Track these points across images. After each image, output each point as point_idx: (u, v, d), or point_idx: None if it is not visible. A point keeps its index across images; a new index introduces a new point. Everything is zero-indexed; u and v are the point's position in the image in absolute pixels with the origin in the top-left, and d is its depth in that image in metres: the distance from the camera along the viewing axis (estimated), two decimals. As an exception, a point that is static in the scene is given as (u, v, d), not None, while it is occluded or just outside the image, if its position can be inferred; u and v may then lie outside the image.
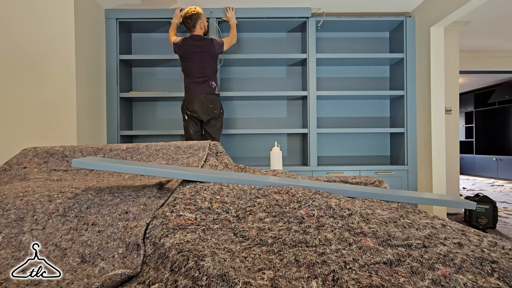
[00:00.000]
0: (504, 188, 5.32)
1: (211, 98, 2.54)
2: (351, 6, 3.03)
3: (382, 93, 3.05)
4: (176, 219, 0.74)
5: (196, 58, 2.52)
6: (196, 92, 2.52)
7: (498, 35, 3.83)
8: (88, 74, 2.63)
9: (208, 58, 2.54)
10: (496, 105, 6.79)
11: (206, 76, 2.54)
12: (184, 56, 2.54)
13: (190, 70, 2.54)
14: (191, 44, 2.51)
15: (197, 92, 2.52)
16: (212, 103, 2.55)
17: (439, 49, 2.82)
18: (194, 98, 2.52)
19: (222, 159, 1.50)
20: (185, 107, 2.57)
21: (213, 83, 2.57)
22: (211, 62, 2.56)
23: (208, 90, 2.54)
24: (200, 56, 2.52)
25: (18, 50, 2.36)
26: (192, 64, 2.53)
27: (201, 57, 2.52)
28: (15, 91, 2.36)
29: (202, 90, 2.53)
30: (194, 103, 2.52)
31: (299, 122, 3.34)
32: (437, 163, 2.82)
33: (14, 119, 2.36)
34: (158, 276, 0.58)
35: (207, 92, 2.53)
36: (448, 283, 0.50)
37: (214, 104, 2.56)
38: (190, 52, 2.52)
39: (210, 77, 2.56)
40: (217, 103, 2.58)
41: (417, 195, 1.05)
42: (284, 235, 0.69)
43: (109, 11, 2.93)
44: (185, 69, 2.57)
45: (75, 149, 1.41)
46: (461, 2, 2.41)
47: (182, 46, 2.53)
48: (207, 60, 2.54)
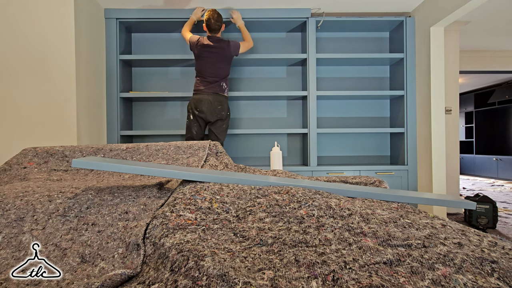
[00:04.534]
0: (504, 188, 5.32)
1: (219, 99, 2.56)
2: (351, 6, 3.03)
3: (382, 93, 3.05)
4: (176, 219, 0.74)
5: (211, 58, 2.55)
6: (206, 92, 2.54)
7: (498, 35, 3.83)
8: (88, 74, 2.63)
9: (222, 59, 2.57)
10: (496, 105, 6.79)
11: (218, 77, 2.57)
12: (200, 55, 2.56)
13: (203, 70, 2.56)
14: (208, 45, 2.54)
15: (207, 92, 2.54)
16: (220, 104, 2.56)
17: (439, 49, 2.82)
18: (203, 98, 2.53)
19: (222, 159, 1.50)
20: (193, 106, 2.56)
21: (224, 84, 2.60)
22: (224, 64, 2.59)
23: (218, 90, 2.56)
24: (215, 57, 2.54)
25: (18, 50, 2.36)
26: (206, 64, 2.55)
27: (216, 58, 2.55)
28: (15, 91, 2.36)
29: (212, 90, 2.54)
30: (203, 103, 2.53)
31: (299, 122, 3.34)
32: (437, 163, 2.82)
33: (14, 119, 2.36)
34: (158, 276, 0.58)
35: (216, 92, 2.55)
36: (448, 283, 0.50)
37: (222, 105, 2.58)
38: (206, 52, 2.54)
39: (222, 78, 2.59)
40: (225, 104, 2.61)
41: (417, 195, 1.05)
42: (284, 235, 0.69)
43: (109, 11, 2.93)
44: (199, 68, 2.59)
45: (75, 149, 1.41)
46: (461, 2, 2.41)
47: (200, 45, 2.55)
48: (221, 62, 2.56)
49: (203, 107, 2.53)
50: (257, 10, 2.97)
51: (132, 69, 3.27)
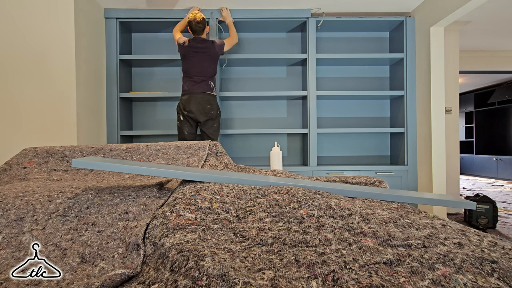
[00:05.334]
0: (504, 188, 5.32)
1: (208, 98, 2.56)
2: (351, 6, 3.03)
3: (382, 93, 3.05)
4: (176, 219, 0.74)
5: (197, 58, 2.56)
6: (193, 91, 2.54)
7: (498, 35, 3.83)
8: (88, 74, 2.63)
9: (208, 58, 2.58)
10: (496, 105, 6.79)
11: (205, 76, 2.58)
12: (186, 55, 2.58)
13: (190, 70, 2.58)
14: (193, 46, 2.56)
15: (195, 91, 2.54)
16: (209, 103, 2.56)
17: (439, 49, 2.82)
18: (191, 98, 2.54)
19: (222, 159, 1.50)
20: (182, 107, 2.57)
21: (211, 83, 2.61)
22: (210, 63, 2.60)
23: (205, 89, 2.57)
24: (200, 56, 2.56)
25: (18, 50, 2.36)
26: (192, 63, 2.57)
27: (201, 58, 2.57)
28: (15, 91, 2.36)
29: (200, 89, 2.55)
30: (191, 103, 2.53)
31: (299, 122, 3.34)
32: (437, 163, 2.82)
33: (14, 119, 2.36)
34: (158, 276, 0.58)
35: (204, 91, 2.56)
36: (448, 283, 0.50)
37: (211, 104, 2.58)
38: (192, 52, 2.56)
39: (209, 77, 2.60)
40: (214, 103, 2.60)
41: (417, 195, 1.05)
42: (284, 235, 0.69)
43: (108, 11, 2.93)
44: (185, 68, 2.60)
45: (75, 149, 1.41)
46: (461, 2, 2.41)
47: (186, 46, 2.57)
48: (207, 61, 2.58)
49: (192, 107, 2.53)
50: (257, 10, 2.97)
51: (132, 69, 3.27)
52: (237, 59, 3.06)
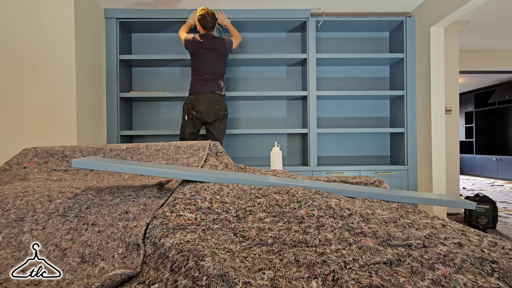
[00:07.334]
0: (504, 188, 5.32)
1: (217, 98, 2.53)
2: (351, 6, 3.03)
3: (382, 93, 3.05)
4: (176, 219, 0.74)
5: (207, 55, 2.52)
6: (203, 91, 2.50)
7: (498, 35, 3.83)
8: (88, 74, 2.63)
9: (218, 57, 2.55)
10: (496, 105, 6.79)
11: (215, 75, 2.54)
12: (195, 53, 2.54)
13: (200, 68, 2.53)
14: (204, 42, 2.52)
15: (204, 91, 2.50)
16: (218, 103, 2.53)
17: (439, 49, 2.82)
18: (200, 98, 2.49)
19: (222, 159, 1.50)
20: (190, 106, 2.52)
21: (221, 82, 2.57)
22: (220, 61, 2.57)
23: (215, 89, 2.53)
24: (211, 54, 2.52)
25: (18, 50, 2.36)
26: (202, 62, 2.53)
27: (212, 55, 2.53)
28: (15, 91, 2.36)
29: (209, 89, 2.51)
30: (200, 103, 2.49)
31: (299, 122, 3.34)
32: (437, 163, 2.82)
33: (14, 119, 2.36)
34: (158, 276, 0.58)
35: (214, 90, 2.52)
36: (448, 283, 0.50)
37: (220, 104, 2.55)
38: (202, 49, 2.52)
39: (219, 76, 2.56)
40: (222, 103, 2.57)
41: (417, 195, 1.05)
42: (284, 235, 0.69)
43: (108, 11, 2.93)
44: (195, 66, 2.56)
45: (75, 149, 1.41)
46: (461, 2, 2.41)
47: (195, 43, 2.53)
48: (217, 59, 2.55)
49: (201, 107, 2.49)
50: (257, 10, 2.97)
51: (132, 69, 3.27)
52: (238, 59, 3.06)
